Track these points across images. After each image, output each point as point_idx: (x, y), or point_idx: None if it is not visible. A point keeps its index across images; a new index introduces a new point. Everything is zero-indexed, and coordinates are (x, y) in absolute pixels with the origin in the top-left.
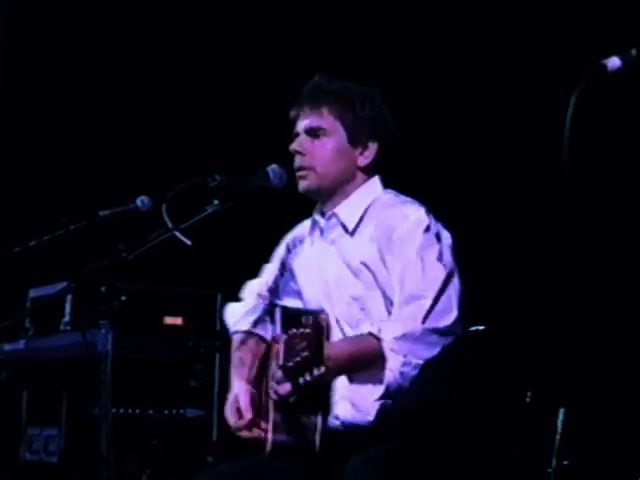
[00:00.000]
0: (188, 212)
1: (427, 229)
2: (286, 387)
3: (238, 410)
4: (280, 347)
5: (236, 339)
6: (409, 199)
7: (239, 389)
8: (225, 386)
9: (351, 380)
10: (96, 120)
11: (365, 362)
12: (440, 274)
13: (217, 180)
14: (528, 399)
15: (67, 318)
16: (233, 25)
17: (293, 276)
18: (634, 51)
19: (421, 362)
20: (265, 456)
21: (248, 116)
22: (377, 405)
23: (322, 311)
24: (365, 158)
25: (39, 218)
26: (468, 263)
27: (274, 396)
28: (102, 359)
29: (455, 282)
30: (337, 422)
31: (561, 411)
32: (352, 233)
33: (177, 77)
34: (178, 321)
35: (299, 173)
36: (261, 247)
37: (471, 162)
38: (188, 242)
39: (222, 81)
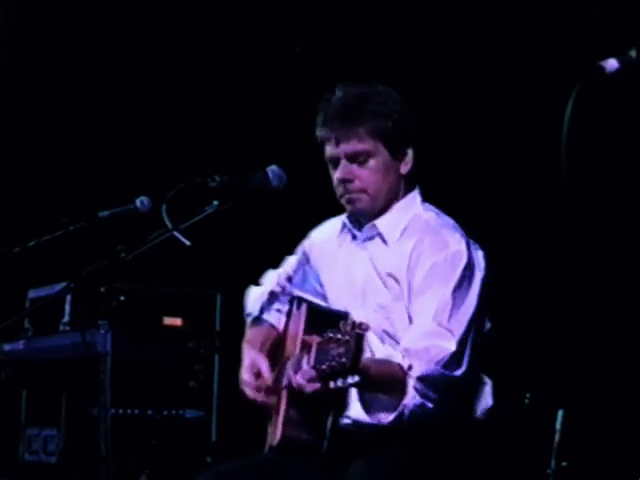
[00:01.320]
0: (188, 213)
1: (466, 267)
2: (315, 386)
3: (257, 373)
4: (313, 349)
5: (250, 321)
6: (450, 221)
7: (256, 356)
8: (225, 387)
9: (364, 399)
10: (96, 121)
11: (387, 387)
12: (466, 318)
13: (217, 181)
14: (527, 400)
15: (66, 318)
16: (232, 25)
17: (315, 272)
18: (633, 53)
19: (432, 407)
20: (267, 454)
21: (248, 116)
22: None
23: (348, 314)
24: (406, 165)
25: (39, 219)
26: None
27: (298, 389)
28: (101, 359)
29: (474, 329)
30: (348, 421)
31: (560, 413)
32: (391, 246)
33: (176, 77)
34: (177, 321)
35: (350, 196)
36: (261, 247)
37: (469, 163)
38: (187, 242)
39: (221, 81)
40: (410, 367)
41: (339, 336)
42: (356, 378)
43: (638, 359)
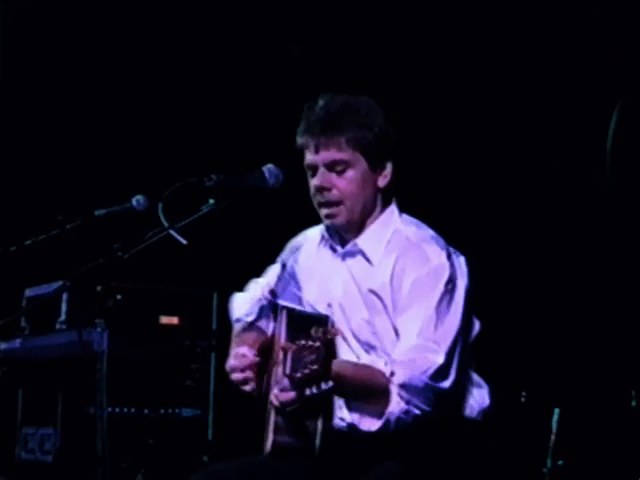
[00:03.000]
0: (184, 211)
1: (449, 281)
2: (289, 395)
3: (242, 355)
4: (288, 357)
5: (237, 327)
6: (429, 233)
7: (242, 347)
8: (221, 385)
9: (349, 407)
10: (92, 120)
11: (369, 393)
12: (453, 330)
13: (213, 179)
14: (523, 399)
15: (63, 317)
16: (229, 24)
17: (295, 281)
18: None
19: (419, 413)
20: (262, 455)
21: (244, 116)
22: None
23: (328, 317)
24: (384, 178)
25: (35, 217)
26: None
27: (276, 403)
28: (98, 358)
29: (461, 339)
30: (343, 424)
31: (556, 411)
32: (374, 264)
33: (173, 77)
34: (174, 320)
35: (328, 210)
36: (257, 246)
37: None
38: (184, 241)
39: (218, 80)
40: (392, 374)
41: (310, 343)
42: (330, 384)
43: (633, 357)
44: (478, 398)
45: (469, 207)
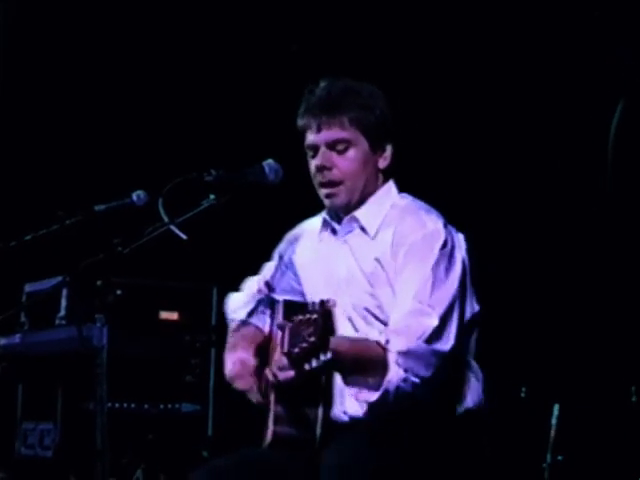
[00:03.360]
0: (184, 206)
1: (444, 245)
2: (289, 374)
3: (242, 361)
4: (286, 334)
5: (233, 326)
6: (427, 206)
7: (241, 354)
8: (221, 381)
9: (347, 382)
10: (92, 115)
11: (366, 366)
12: (448, 295)
13: (213, 175)
14: (523, 394)
15: (62, 312)
16: (227, 20)
17: (294, 273)
18: None
19: (418, 381)
20: (261, 449)
21: (244, 111)
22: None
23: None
24: (384, 160)
25: (35, 212)
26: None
27: (273, 380)
28: (97, 354)
29: (458, 306)
30: (345, 417)
31: (556, 407)
32: (373, 237)
33: (173, 72)
34: (174, 316)
35: (329, 190)
36: (257, 241)
37: (468, 160)
38: (184, 236)
39: (218, 76)
40: (388, 342)
41: (308, 316)
42: (328, 355)
43: (633, 353)
44: (473, 386)
45: (470, 203)
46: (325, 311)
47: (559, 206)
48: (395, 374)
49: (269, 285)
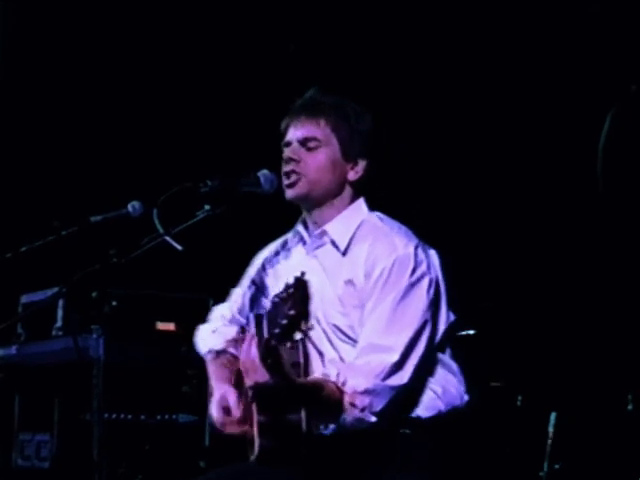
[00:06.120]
0: (179, 217)
1: (413, 271)
2: (264, 378)
3: (225, 408)
4: (264, 324)
5: (209, 358)
6: (398, 225)
7: (225, 389)
8: None
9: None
10: (87, 126)
11: (322, 407)
12: (411, 329)
13: (208, 185)
14: (519, 403)
15: (59, 323)
16: (224, 27)
17: (266, 293)
18: None
19: (374, 418)
20: (251, 463)
21: (239, 121)
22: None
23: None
24: (355, 173)
25: (31, 224)
26: (459, 268)
27: (251, 395)
28: (94, 364)
29: (425, 336)
30: (326, 430)
31: (552, 415)
32: (344, 253)
33: (168, 82)
34: (170, 326)
35: (289, 180)
36: (252, 252)
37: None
38: (179, 247)
39: (213, 86)
40: (344, 383)
41: (284, 294)
42: (310, 323)
43: (630, 361)
44: (457, 385)
45: (464, 210)
46: (300, 283)
47: (554, 214)
48: (349, 415)
49: (241, 311)
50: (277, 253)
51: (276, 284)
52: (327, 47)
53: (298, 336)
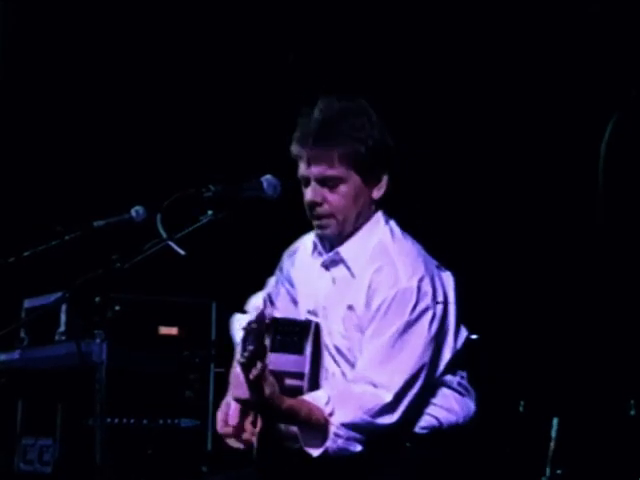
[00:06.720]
0: (182, 222)
1: (414, 307)
2: (243, 391)
3: (226, 415)
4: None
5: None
6: (407, 249)
7: (228, 398)
8: (220, 396)
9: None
10: (91, 131)
11: (308, 429)
12: (408, 370)
13: (211, 190)
14: (522, 408)
15: (62, 328)
16: (224, 34)
17: (292, 285)
18: None
19: (359, 448)
20: (252, 469)
21: (242, 126)
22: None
23: (311, 322)
24: (379, 190)
25: (34, 228)
26: (463, 272)
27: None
28: (97, 369)
29: (421, 378)
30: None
31: (555, 420)
32: (353, 275)
33: (171, 87)
34: (173, 331)
35: (320, 222)
36: (255, 257)
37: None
38: (182, 252)
39: (217, 91)
40: (331, 414)
41: (248, 327)
42: (259, 365)
43: (632, 366)
44: (463, 405)
45: (464, 218)
46: (261, 317)
47: (554, 221)
48: (333, 443)
49: (271, 299)
50: (303, 253)
51: (298, 285)
52: (326, 50)
53: (254, 372)
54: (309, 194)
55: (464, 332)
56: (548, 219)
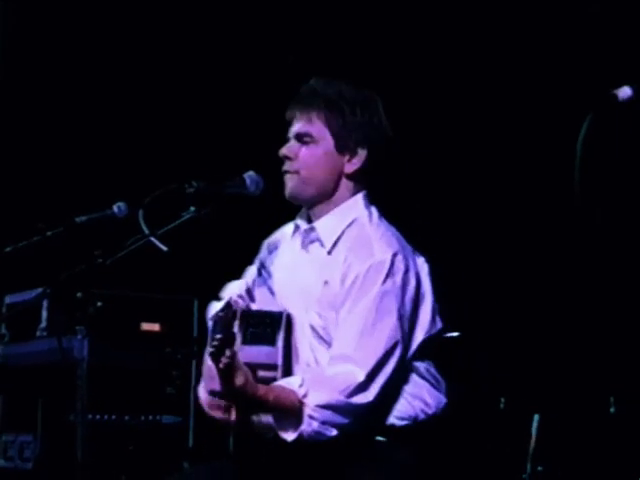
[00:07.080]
0: (164, 218)
1: (385, 277)
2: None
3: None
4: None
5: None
6: (383, 229)
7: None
8: None
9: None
10: (72, 126)
11: (281, 415)
12: (381, 347)
13: (194, 186)
14: (502, 405)
15: (43, 324)
16: (219, 32)
17: (270, 276)
18: None
19: (335, 431)
20: (225, 461)
21: (226, 121)
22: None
23: (282, 314)
24: (352, 165)
25: (15, 224)
26: (443, 269)
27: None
28: (78, 365)
29: (395, 356)
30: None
31: (535, 417)
32: (329, 252)
33: (155, 83)
34: (155, 327)
35: (285, 177)
36: (238, 253)
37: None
38: (164, 248)
39: (201, 88)
40: (305, 395)
41: (216, 317)
42: (228, 353)
43: (612, 364)
44: (434, 396)
45: (442, 214)
46: (229, 306)
47: (536, 219)
48: (307, 426)
49: (249, 291)
50: (281, 241)
51: (276, 273)
52: (325, 47)
53: (223, 360)
54: (284, 148)
55: (439, 323)
56: (527, 218)
